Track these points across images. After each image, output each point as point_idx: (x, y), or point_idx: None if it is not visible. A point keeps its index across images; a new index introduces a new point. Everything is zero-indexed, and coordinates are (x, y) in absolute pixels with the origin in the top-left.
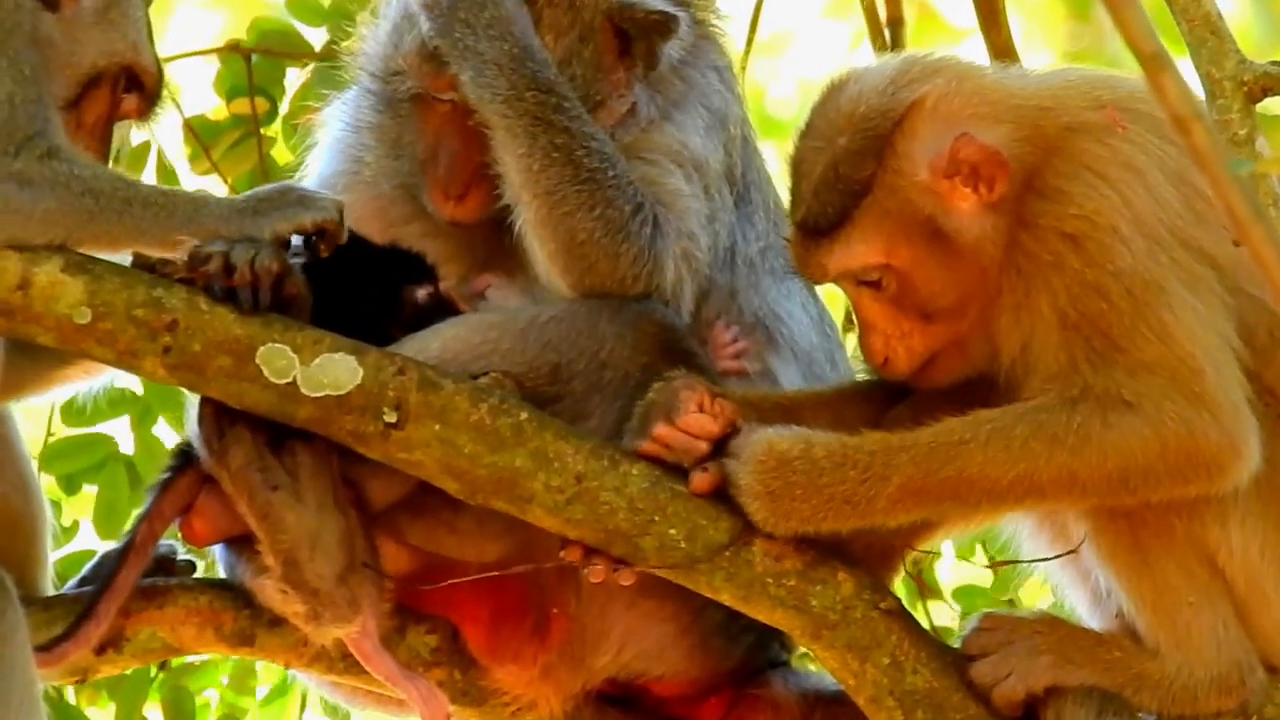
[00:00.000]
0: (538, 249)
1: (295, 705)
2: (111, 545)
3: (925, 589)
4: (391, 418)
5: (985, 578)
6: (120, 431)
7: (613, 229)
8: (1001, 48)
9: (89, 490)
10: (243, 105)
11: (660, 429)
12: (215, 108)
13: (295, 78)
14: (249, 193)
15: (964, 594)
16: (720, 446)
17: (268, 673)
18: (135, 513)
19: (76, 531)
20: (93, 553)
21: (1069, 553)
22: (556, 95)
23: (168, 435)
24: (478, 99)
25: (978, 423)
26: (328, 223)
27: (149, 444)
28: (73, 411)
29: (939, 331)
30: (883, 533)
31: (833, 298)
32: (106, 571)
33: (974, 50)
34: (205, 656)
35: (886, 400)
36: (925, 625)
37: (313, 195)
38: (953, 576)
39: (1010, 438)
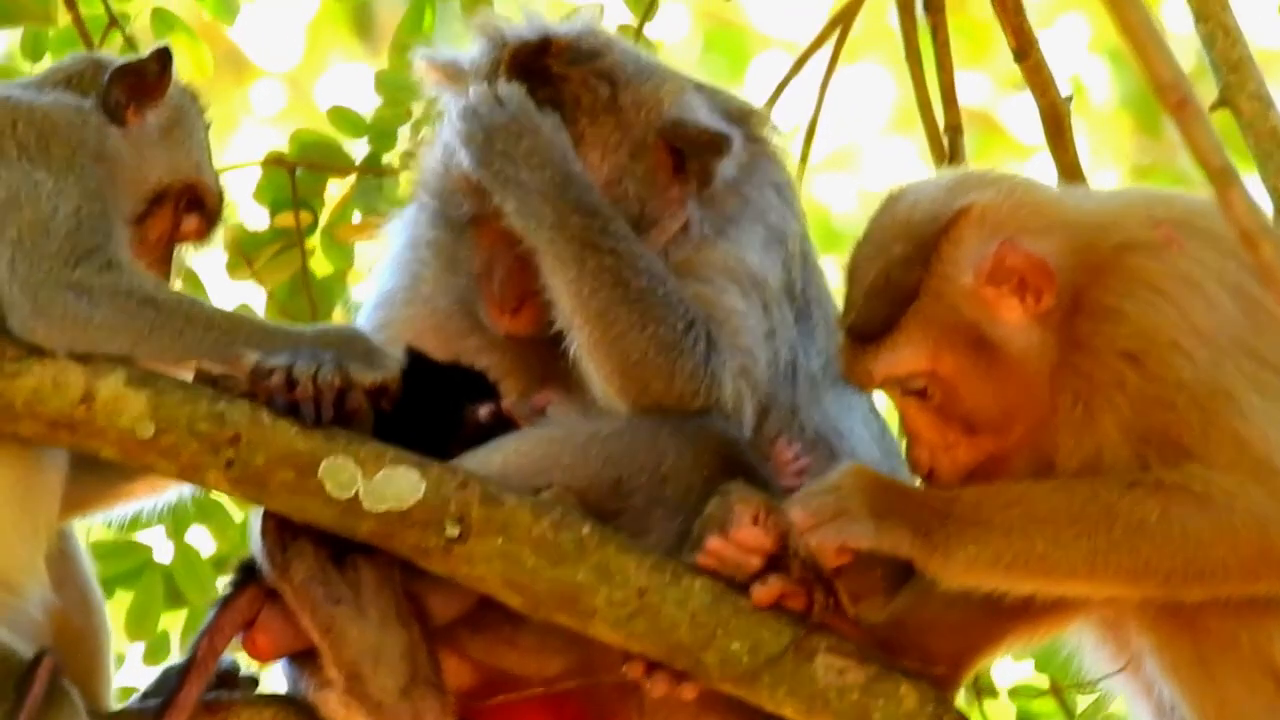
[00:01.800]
0: (593, 371)
1: None
2: (137, 645)
3: (982, 689)
4: (454, 532)
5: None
6: (158, 540)
7: (666, 347)
8: (1068, 163)
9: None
10: (285, 219)
11: (713, 542)
12: (254, 219)
13: (335, 189)
14: (316, 330)
15: (1020, 693)
16: (774, 561)
17: None
18: (163, 618)
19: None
20: (120, 655)
21: (1121, 669)
22: (601, 218)
23: (205, 545)
24: (523, 228)
25: (1045, 480)
26: (388, 382)
27: (186, 553)
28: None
29: (984, 445)
30: (941, 642)
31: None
32: (169, 688)
33: (1041, 166)
34: None
35: None
36: None
37: (378, 352)
38: (1008, 677)
39: (1072, 493)
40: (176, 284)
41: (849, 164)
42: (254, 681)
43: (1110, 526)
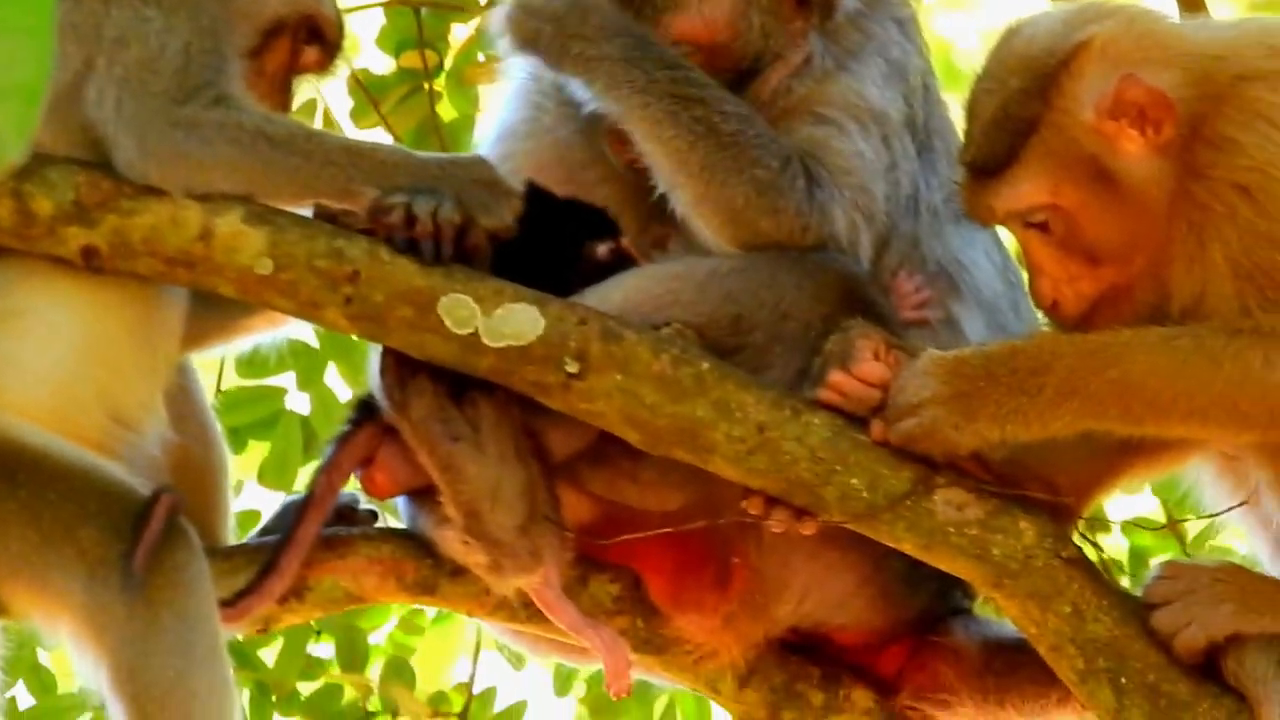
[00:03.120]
0: (703, 225)
1: (462, 636)
2: (284, 496)
3: (1095, 523)
4: (573, 368)
5: (1154, 513)
6: (293, 385)
7: (765, 187)
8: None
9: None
10: (410, 59)
11: (835, 376)
12: (379, 64)
13: (460, 33)
14: (441, 160)
15: (1133, 527)
16: None
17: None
18: (307, 466)
19: (241, 490)
20: (257, 513)
21: (1242, 504)
22: (683, 69)
23: (341, 389)
24: (615, 99)
25: (1145, 331)
26: (499, 230)
27: (322, 397)
28: (246, 363)
29: (1106, 275)
30: (1061, 477)
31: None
32: (287, 524)
33: (1162, 3)
34: None
35: None
36: (1095, 559)
37: (501, 187)
38: (1121, 512)
39: (1174, 349)
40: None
41: (970, 2)
42: (373, 515)
43: (1211, 381)
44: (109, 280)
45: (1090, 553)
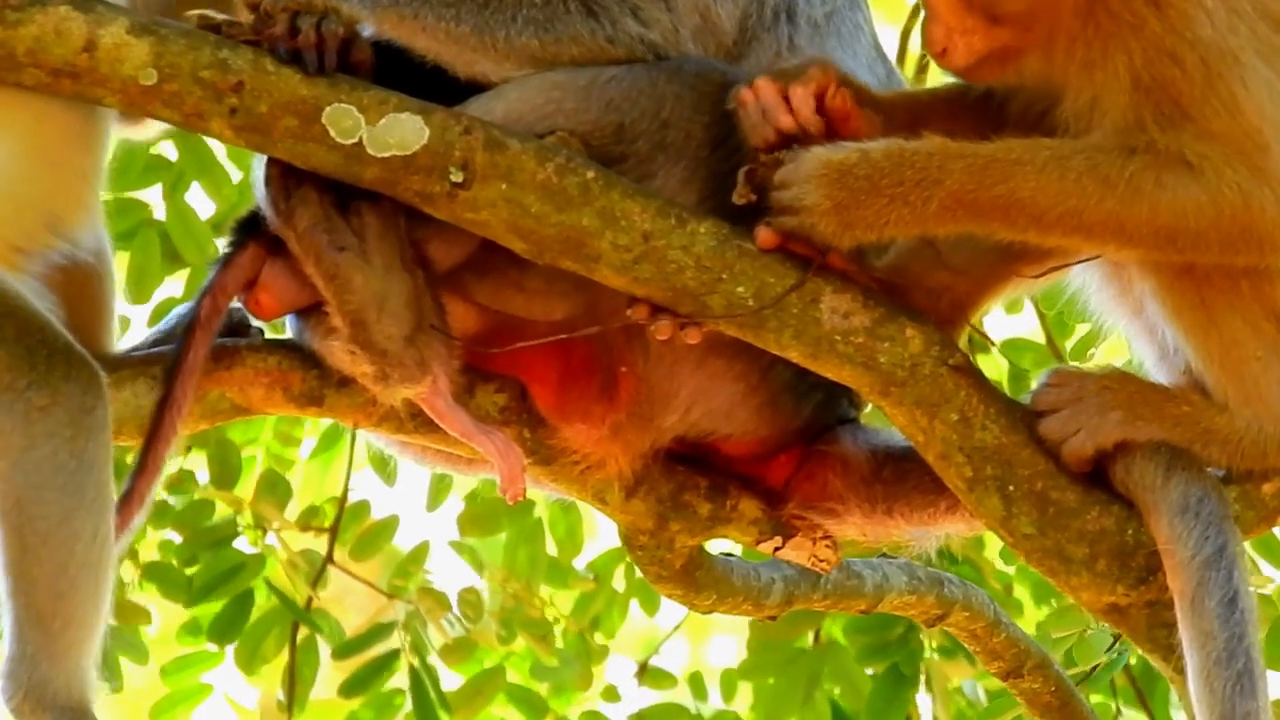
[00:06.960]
0: (538, 75)
1: (343, 459)
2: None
3: (975, 343)
4: (458, 177)
5: (1035, 332)
6: (155, 199)
7: (546, 22)
8: None
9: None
10: None
11: (763, 81)
12: None
13: None
14: None
15: (1012, 348)
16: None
17: (314, 427)
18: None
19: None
20: (126, 320)
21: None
22: None
23: (202, 206)
24: (381, 15)
25: (1036, 147)
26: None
27: (182, 211)
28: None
29: (1001, 36)
30: (947, 287)
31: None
32: (175, 351)
33: None
34: None
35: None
36: None
37: None
38: (1002, 331)
39: (1065, 169)
40: None
41: None
42: (261, 331)
43: (1102, 201)
44: None
45: None
